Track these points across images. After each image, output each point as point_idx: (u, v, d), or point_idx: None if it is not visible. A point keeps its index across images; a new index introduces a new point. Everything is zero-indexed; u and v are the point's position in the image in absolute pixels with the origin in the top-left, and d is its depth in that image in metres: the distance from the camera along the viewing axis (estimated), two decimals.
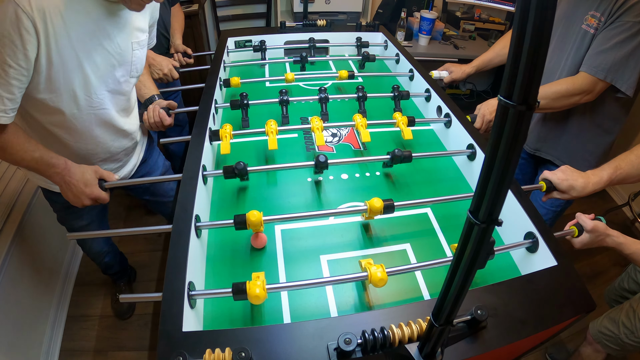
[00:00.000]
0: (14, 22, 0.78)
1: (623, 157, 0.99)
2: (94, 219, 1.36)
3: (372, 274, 0.73)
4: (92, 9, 0.90)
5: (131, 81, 1.10)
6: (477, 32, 2.76)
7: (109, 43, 0.97)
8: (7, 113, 0.86)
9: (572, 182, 0.98)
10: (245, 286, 0.69)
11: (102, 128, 1.09)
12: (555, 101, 1.19)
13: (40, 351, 1.55)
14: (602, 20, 1.12)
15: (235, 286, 0.70)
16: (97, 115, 1.04)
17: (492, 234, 0.43)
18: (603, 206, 2.51)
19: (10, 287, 1.41)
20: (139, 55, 1.08)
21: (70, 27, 0.87)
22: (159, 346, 0.61)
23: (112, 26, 0.96)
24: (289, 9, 2.76)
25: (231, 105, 1.25)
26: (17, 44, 0.80)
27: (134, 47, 1.05)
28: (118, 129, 1.13)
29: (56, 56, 0.87)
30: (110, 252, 1.65)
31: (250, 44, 1.71)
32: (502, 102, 0.35)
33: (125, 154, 1.24)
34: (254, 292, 0.68)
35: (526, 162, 1.57)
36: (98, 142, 1.10)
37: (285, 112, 1.29)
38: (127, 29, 1.01)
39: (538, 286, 0.74)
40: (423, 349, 0.59)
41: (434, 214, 1.00)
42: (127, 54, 1.03)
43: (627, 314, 1.28)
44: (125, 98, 1.12)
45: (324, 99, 1.29)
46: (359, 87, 1.32)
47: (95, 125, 1.06)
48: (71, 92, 0.95)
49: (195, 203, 0.86)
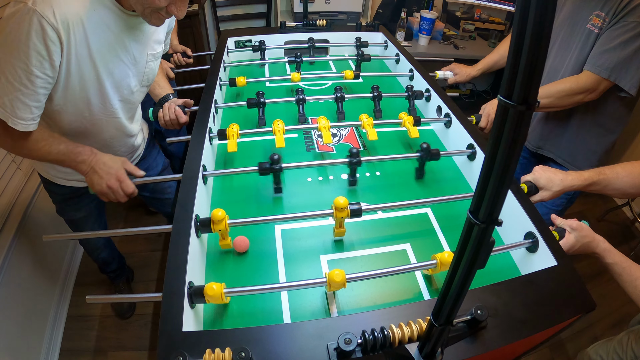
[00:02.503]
0: (39, 33, 0.78)
1: (610, 167, 0.98)
2: (93, 211, 1.37)
3: (330, 276, 0.72)
4: (111, 21, 0.91)
5: (142, 90, 1.13)
6: (477, 32, 2.76)
7: (125, 55, 0.98)
8: (35, 120, 0.88)
9: (551, 175, 0.97)
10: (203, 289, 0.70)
11: (111, 133, 1.11)
12: (559, 100, 1.20)
13: (40, 351, 1.55)
14: (606, 20, 1.13)
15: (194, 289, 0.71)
16: (108, 121, 1.06)
17: (492, 234, 0.43)
18: (603, 206, 2.51)
19: (10, 287, 1.41)
20: (152, 66, 1.10)
21: (90, 39, 0.88)
22: (159, 346, 0.61)
23: (129, 38, 0.97)
24: (289, 9, 2.76)
25: (247, 104, 1.25)
26: (43, 54, 0.80)
27: (148, 59, 1.06)
28: (126, 134, 1.16)
29: (75, 66, 0.88)
30: (107, 248, 1.66)
31: (250, 44, 1.71)
32: (502, 102, 0.35)
33: (129, 155, 1.26)
34: (210, 293, 0.69)
35: (527, 161, 1.57)
36: (105, 144, 1.12)
37: (302, 111, 1.30)
38: (144, 41, 1.02)
39: (538, 286, 0.74)
40: (423, 349, 0.59)
41: (434, 214, 1.00)
42: (142, 65, 1.05)
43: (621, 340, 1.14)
44: (135, 107, 1.15)
45: (340, 98, 1.30)
46: (374, 87, 1.33)
47: (105, 130, 1.08)
48: (85, 100, 0.96)
49: (195, 203, 0.86)
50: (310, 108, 1.40)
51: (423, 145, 1.06)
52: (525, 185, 0.98)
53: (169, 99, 1.28)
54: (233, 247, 0.88)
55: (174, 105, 1.24)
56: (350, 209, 0.85)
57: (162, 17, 0.91)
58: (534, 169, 1.01)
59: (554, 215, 0.93)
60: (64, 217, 1.37)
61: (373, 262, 0.88)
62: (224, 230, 0.83)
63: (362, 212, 0.86)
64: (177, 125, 1.26)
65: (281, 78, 1.52)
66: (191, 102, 1.29)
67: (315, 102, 1.38)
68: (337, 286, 0.72)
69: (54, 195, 1.29)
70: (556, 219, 0.92)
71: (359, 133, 1.30)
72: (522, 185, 0.98)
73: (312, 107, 1.40)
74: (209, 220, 0.82)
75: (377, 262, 0.88)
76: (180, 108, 1.25)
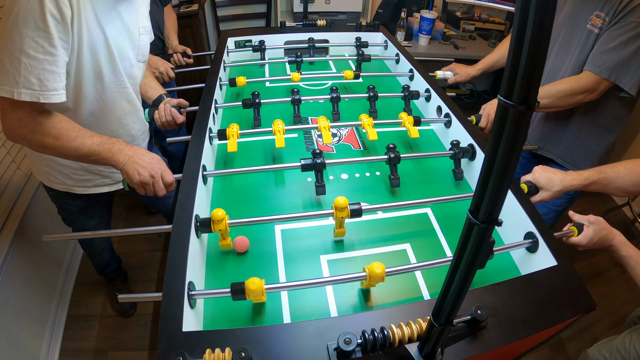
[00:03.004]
0: None
1: (611, 165, 0.98)
2: (105, 216, 1.37)
3: (370, 270, 0.73)
4: None
5: (139, 66, 1.12)
6: (477, 32, 2.76)
7: (121, 24, 0.99)
8: (65, 90, 0.87)
9: (551, 174, 0.97)
10: (244, 285, 0.70)
11: (124, 107, 1.10)
12: (559, 100, 1.20)
13: (40, 351, 1.55)
14: (606, 20, 1.13)
15: (233, 286, 0.70)
16: (120, 93, 1.06)
17: (492, 234, 0.43)
18: (603, 206, 2.51)
19: (10, 287, 1.41)
20: (145, 40, 1.10)
21: (95, 4, 0.89)
22: (159, 346, 0.61)
23: (122, 7, 0.98)
24: (289, 9, 2.76)
25: (243, 105, 1.25)
26: (57, 17, 0.81)
27: (140, 32, 1.07)
28: (137, 107, 1.16)
29: (85, 32, 0.88)
30: (109, 250, 1.66)
31: (250, 44, 1.71)
32: (502, 102, 0.35)
33: (142, 134, 1.25)
34: (252, 287, 0.69)
35: (528, 162, 1.57)
36: (121, 123, 1.12)
37: (297, 112, 1.30)
38: (134, 12, 1.03)
39: (538, 286, 0.73)
40: (423, 349, 0.59)
41: (434, 214, 1.00)
42: (136, 38, 1.05)
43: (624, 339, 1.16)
44: (136, 83, 1.14)
45: (336, 99, 1.30)
46: (370, 87, 1.33)
47: (119, 103, 1.08)
48: (97, 70, 0.96)
49: (195, 203, 0.86)
50: (310, 108, 1.40)
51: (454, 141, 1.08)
52: (525, 185, 0.98)
53: (162, 100, 1.28)
54: (233, 247, 0.88)
55: (169, 106, 1.24)
56: (350, 209, 0.85)
57: None
58: (533, 169, 1.01)
59: (572, 212, 0.93)
60: (75, 226, 1.35)
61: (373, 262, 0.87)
62: (224, 230, 0.83)
63: (362, 212, 0.86)
64: (175, 125, 1.25)
65: (281, 78, 1.52)
66: (186, 103, 1.29)
67: (315, 102, 1.38)
68: (377, 279, 0.73)
69: (68, 207, 1.26)
70: (574, 215, 0.92)
71: (359, 133, 1.30)
72: (522, 185, 0.98)
73: (312, 107, 1.40)
74: (209, 220, 0.82)
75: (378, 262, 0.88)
76: (176, 109, 1.24)
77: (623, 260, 0.88)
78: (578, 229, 0.89)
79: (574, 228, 0.89)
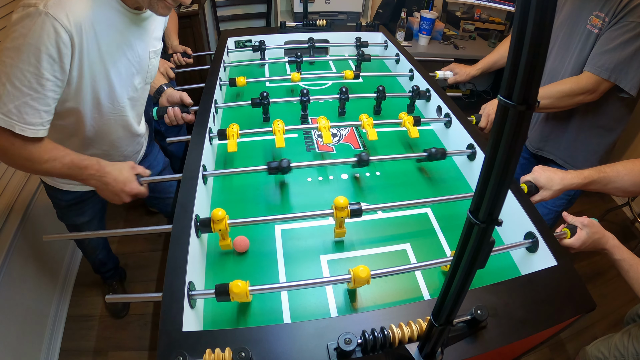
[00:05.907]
0: (52, 36, 0.78)
1: (610, 165, 0.98)
2: (96, 214, 1.37)
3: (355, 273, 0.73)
4: (118, 20, 0.92)
5: (146, 87, 1.13)
6: (477, 32, 2.76)
7: (130, 53, 0.99)
8: (44, 125, 0.86)
9: (551, 174, 0.97)
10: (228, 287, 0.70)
11: (120, 133, 1.11)
12: (559, 100, 1.20)
13: (40, 351, 1.55)
14: (606, 21, 1.13)
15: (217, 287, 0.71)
16: (117, 120, 1.07)
17: (492, 234, 0.43)
18: (603, 206, 2.51)
19: (10, 287, 1.41)
20: (154, 63, 1.11)
21: (100, 40, 0.88)
22: (159, 346, 0.61)
23: (134, 36, 0.98)
24: (289, 9, 2.76)
25: (252, 104, 1.26)
26: (54, 57, 0.80)
27: (151, 56, 1.08)
28: (132, 133, 1.16)
29: (87, 68, 0.88)
30: (104, 249, 1.66)
31: (250, 44, 1.71)
32: (502, 102, 0.35)
33: (135, 154, 1.26)
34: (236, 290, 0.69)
35: (528, 162, 1.57)
36: (114, 145, 1.13)
37: (305, 111, 1.31)
38: (146, 39, 1.04)
39: (538, 286, 0.74)
40: (423, 349, 0.59)
41: (434, 214, 1.00)
42: (145, 62, 1.06)
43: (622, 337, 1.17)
44: (141, 103, 1.16)
45: (345, 99, 1.31)
46: (380, 88, 1.32)
47: (114, 130, 1.09)
48: (96, 101, 0.96)
49: (195, 203, 0.86)
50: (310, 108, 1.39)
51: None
52: (525, 185, 0.98)
53: (163, 90, 1.30)
54: (233, 247, 0.88)
55: (179, 110, 1.26)
56: (351, 209, 0.85)
57: (169, 4, 0.91)
58: (533, 168, 1.01)
59: (566, 213, 0.93)
60: (66, 222, 1.36)
61: (373, 262, 0.88)
62: (224, 230, 0.83)
63: (362, 212, 0.86)
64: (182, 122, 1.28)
65: (281, 78, 1.52)
66: (189, 99, 1.30)
67: (315, 101, 1.38)
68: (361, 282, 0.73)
69: (58, 201, 1.27)
70: (567, 217, 0.92)
71: (359, 133, 1.30)
72: (522, 185, 0.98)
73: (312, 107, 1.40)
74: (209, 220, 0.82)
75: (378, 262, 0.88)
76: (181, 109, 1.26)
77: (617, 263, 0.87)
78: (571, 231, 0.88)
79: (567, 230, 0.88)
